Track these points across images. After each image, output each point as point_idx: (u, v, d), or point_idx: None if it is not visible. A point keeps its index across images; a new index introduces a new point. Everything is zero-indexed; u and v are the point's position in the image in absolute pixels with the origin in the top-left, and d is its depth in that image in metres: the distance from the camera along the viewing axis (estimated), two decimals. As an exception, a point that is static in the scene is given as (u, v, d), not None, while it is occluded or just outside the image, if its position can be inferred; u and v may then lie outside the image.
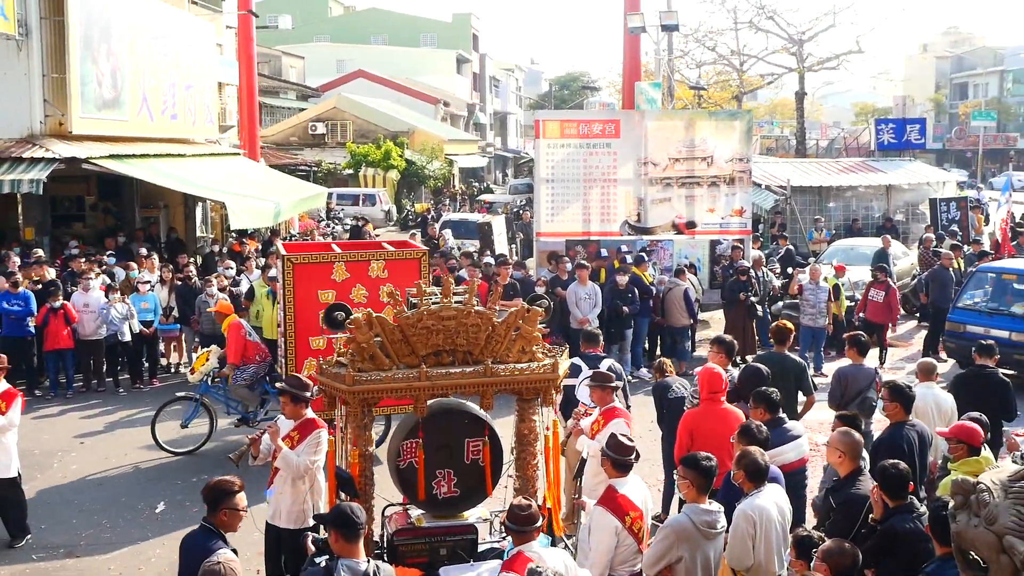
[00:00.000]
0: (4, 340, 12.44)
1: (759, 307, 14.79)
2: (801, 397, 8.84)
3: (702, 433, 6.97)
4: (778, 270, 17.14)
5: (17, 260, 14.16)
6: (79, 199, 20.73)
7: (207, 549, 4.98)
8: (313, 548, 4.95)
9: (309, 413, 6.93)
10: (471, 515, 6.40)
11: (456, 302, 5.95)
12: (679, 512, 5.52)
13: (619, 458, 5.73)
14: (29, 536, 8.46)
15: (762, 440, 6.09)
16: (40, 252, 15.03)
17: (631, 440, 5.92)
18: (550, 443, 6.37)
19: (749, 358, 12.40)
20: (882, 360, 14.39)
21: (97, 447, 10.93)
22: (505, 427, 6.61)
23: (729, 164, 16.02)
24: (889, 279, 14.59)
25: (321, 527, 5.77)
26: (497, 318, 6.02)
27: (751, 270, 14.87)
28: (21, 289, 12.83)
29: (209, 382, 10.75)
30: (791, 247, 19.33)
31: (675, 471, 5.81)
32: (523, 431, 6.24)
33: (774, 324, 9.54)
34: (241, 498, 5.19)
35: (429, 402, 5.95)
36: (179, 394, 11.21)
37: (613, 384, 7.45)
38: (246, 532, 8.13)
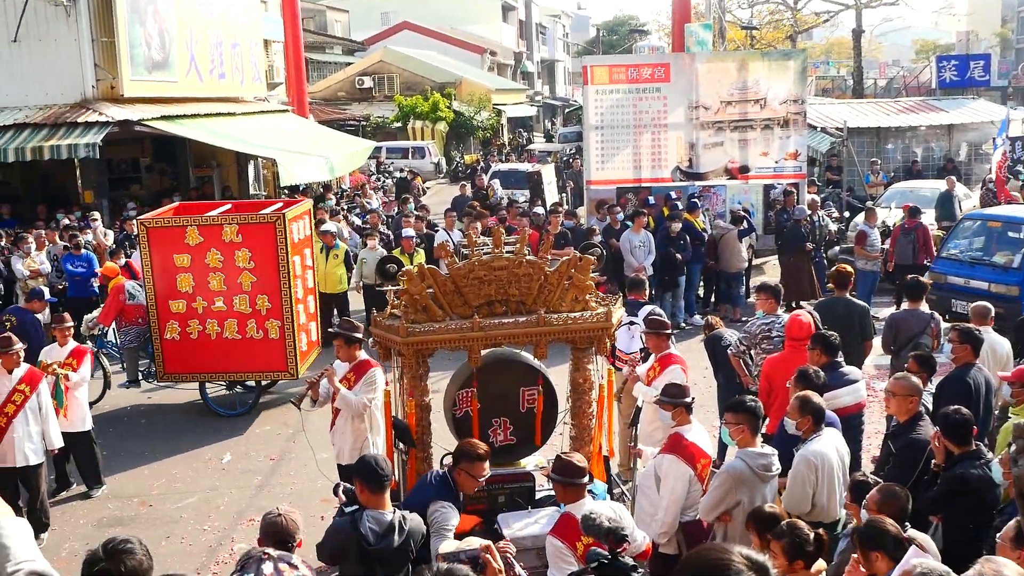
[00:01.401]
0: (70, 301, 12.79)
1: (819, 252, 14.45)
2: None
3: (778, 379, 6.92)
4: (835, 214, 16.71)
5: (67, 222, 14.52)
6: (134, 161, 21.10)
7: (426, 498, 5.07)
8: (344, 498, 5.01)
9: (362, 354, 7.08)
10: (528, 463, 6.47)
11: (507, 252, 5.94)
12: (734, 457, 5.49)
13: (687, 401, 5.79)
14: (104, 486, 8.80)
15: (818, 385, 6.03)
16: (97, 215, 15.38)
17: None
18: (605, 392, 6.38)
19: (806, 304, 12.19)
20: None
21: (163, 401, 11.25)
22: (560, 375, 6.63)
23: (783, 106, 15.64)
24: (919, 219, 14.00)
25: None
26: (549, 267, 6.00)
27: (809, 215, 14.54)
28: (83, 251, 13.19)
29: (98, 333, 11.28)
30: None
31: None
32: (578, 380, 6.26)
33: (833, 269, 9.36)
34: (481, 467, 5.11)
35: (483, 352, 5.98)
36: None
37: (668, 331, 7.40)
38: (310, 479, 8.40)
